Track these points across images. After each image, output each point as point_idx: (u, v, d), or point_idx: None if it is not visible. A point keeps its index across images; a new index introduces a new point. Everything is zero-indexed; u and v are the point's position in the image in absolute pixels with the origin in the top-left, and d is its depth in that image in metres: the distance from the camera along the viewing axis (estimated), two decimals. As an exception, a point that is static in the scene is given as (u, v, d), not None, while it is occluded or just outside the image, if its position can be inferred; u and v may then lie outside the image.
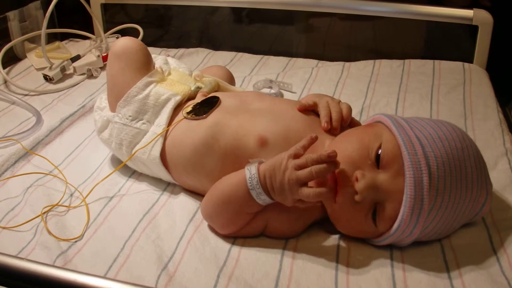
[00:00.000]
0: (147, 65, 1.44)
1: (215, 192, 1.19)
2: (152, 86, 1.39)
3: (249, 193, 1.11)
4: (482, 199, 1.12)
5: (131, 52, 1.43)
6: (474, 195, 1.09)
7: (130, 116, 1.36)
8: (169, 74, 1.48)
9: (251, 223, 1.17)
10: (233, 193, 1.14)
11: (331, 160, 1.06)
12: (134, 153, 1.34)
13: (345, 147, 1.13)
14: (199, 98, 1.38)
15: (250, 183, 1.10)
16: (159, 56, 1.55)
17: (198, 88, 1.43)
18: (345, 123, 1.27)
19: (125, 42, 1.45)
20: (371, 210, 1.09)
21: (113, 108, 1.41)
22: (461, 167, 1.07)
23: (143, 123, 1.36)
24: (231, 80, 1.69)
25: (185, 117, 1.33)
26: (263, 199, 1.11)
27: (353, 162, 1.10)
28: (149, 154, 1.32)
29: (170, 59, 1.56)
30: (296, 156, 1.09)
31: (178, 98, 1.38)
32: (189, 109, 1.34)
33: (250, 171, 1.11)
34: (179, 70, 1.50)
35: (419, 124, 1.13)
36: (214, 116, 1.29)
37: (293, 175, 1.07)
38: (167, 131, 1.33)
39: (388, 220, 1.08)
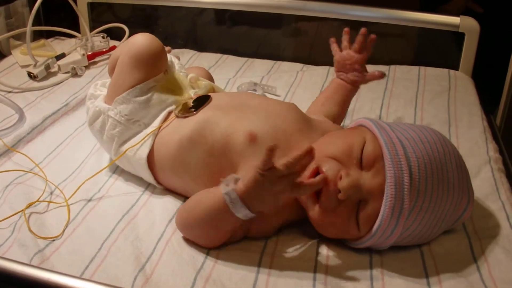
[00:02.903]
0: (160, 69, 1.39)
1: (192, 213, 1.15)
2: (154, 91, 1.36)
3: (228, 210, 1.07)
4: (463, 204, 1.13)
5: (155, 54, 1.36)
6: (455, 198, 1.10)
7: (126, 115, 1.34)
8: (172, 76, 1.43)
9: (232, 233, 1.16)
10: (212, 214, 1.10)
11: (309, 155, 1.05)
12: (124, 153, 1.33)
13: (329, 147, 1.14)
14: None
15: (228, 199, 1.06)
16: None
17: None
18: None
19: (151, 43, 1.36)
20: (354, 211, 1.09)
21: (109, 98, 1.38)
22: (443, 170, 1.08)
23: (139, 125, 1.35)
24: (211, 81, 1.67)
25: (176, 116, 1.32)
26: (244, 213, 1.07)
27: (337, 162, 1.10)
28: (136, 154, 1.32)
29: (175, 60, 1.52)
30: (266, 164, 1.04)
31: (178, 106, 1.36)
32: (180, 107, 1.34)
33: (229, 193, 1.07)
34: (180, 74, 1.46)
35: (401, 128, 1.14)
36: (204, 113, 1.29)
37: (287, 186, 1.04)
38: (158, 132, 1.32)
39: (369, 221, 1.08)
